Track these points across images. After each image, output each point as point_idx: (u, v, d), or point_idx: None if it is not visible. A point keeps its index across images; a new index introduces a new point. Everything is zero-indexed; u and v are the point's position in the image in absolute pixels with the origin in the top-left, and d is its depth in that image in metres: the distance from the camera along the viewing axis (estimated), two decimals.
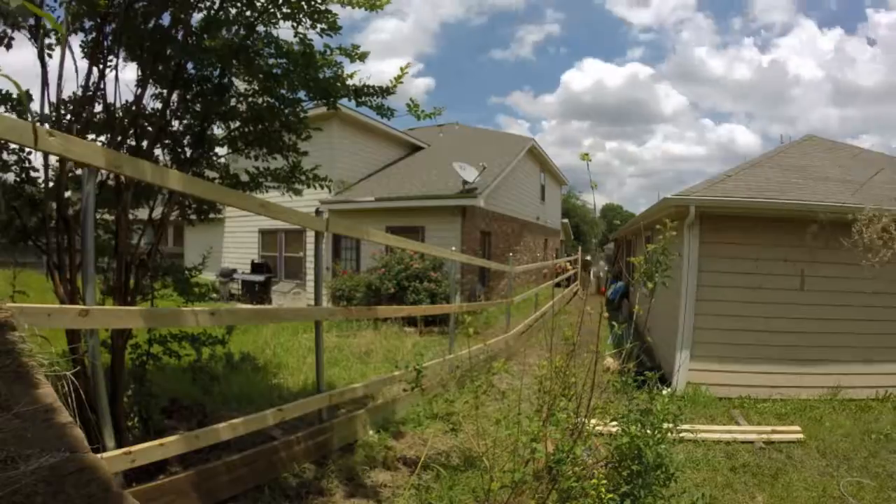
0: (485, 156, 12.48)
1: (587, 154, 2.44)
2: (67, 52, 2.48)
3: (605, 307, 2.46)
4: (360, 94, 3.37)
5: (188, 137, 3.30)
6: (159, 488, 2.28)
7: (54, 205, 2.52)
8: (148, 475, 2.42)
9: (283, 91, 3.28)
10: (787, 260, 5.59)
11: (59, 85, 2.50)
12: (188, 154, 3.31)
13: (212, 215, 3.82)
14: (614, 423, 2.29)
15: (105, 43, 2.70)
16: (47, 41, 2.49)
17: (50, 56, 2.50)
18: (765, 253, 5.63)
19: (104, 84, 2.76)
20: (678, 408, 2.34)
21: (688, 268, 5.64)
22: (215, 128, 3.46)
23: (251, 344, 6.28)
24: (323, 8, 3.01)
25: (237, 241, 14.60)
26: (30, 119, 2.21)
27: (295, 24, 3.05)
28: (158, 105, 3.08)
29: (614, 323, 2.39)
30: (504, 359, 3.17)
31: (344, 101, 3.45)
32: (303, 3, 2.97)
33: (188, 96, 3.17)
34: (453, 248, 7.30)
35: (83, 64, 2.67)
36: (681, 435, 2.36)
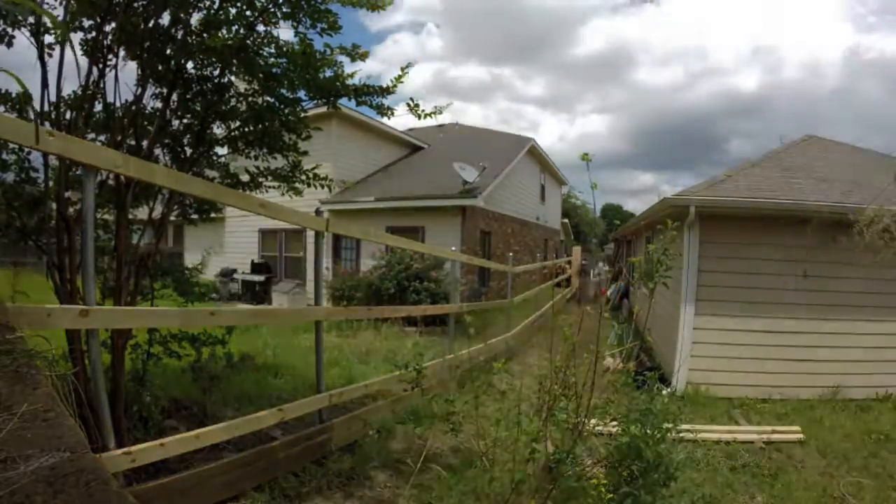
0: (485, 156, 12.47)
1: (587, 154, 2.44)
2: (67, 51, 2.48)
3: (605, 307, 2.46)
4: (360, 93, 3.37)
5: (188, 137, 3.30)
6: (159, 488, 2.28)
7: (54, 205, 2.52)
8: (148, 475, 2.42)
9: (282, 90, 3.28)
10: (787, 260, 5.60)
11: (58, 84, 2.50)
12: (188, 153, 3.31)
13: (212, 215, 3.82)
14: (614, 423, 2.29)
15: (105, 42, 2.70)
16: (47, 40, 2.49)
17: (50, 55, 2.49)
18: (765, 253, 5.63)
19: (104, 83, 2.76)
20: (678, 408, 2.34)
21: (688, 267, 5.64)
22: (215, 127, 3.46)
23: (251, 344, 6.26)
24: (323, 8, 3.01)
25: (237, 240, 14.58)
26: (30, 118, 2.21)
27: (295, 24, 3.05)
28: (158, 104, 3.08)
29: (614, 323, 2.39)
30: (504, 359, 3.18)
31: (344, 100, 3.44)
32: (303, 2, 2.97)
33: (188, 96, 3.17)
34: (453, 248, 7.29)
35: (83, 62, 2.67)
36: (681, 435, 2.36)
